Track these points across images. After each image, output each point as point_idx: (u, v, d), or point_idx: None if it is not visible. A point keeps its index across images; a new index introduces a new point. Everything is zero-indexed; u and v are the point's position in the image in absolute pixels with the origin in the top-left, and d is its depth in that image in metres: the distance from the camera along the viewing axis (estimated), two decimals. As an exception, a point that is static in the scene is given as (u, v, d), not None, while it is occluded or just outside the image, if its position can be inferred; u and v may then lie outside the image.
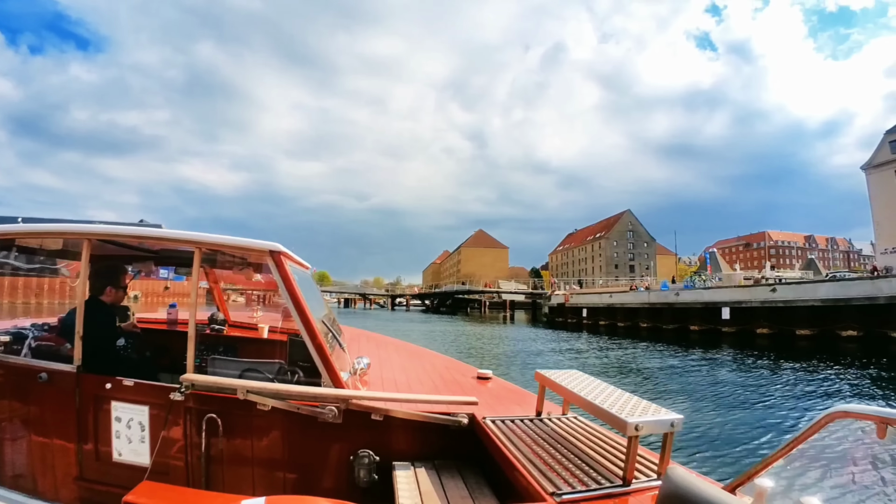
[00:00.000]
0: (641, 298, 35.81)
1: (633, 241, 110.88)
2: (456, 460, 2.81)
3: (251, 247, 3.14)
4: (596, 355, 21.56)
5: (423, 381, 3.93)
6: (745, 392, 12.26)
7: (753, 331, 26.44)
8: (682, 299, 31.75)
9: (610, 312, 38.04)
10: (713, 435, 8.28)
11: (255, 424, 2.79)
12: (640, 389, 12.55)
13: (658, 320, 32.66)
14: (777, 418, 9.57)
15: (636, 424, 1.98)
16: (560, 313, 45.34)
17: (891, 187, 47.69)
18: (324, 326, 3.18)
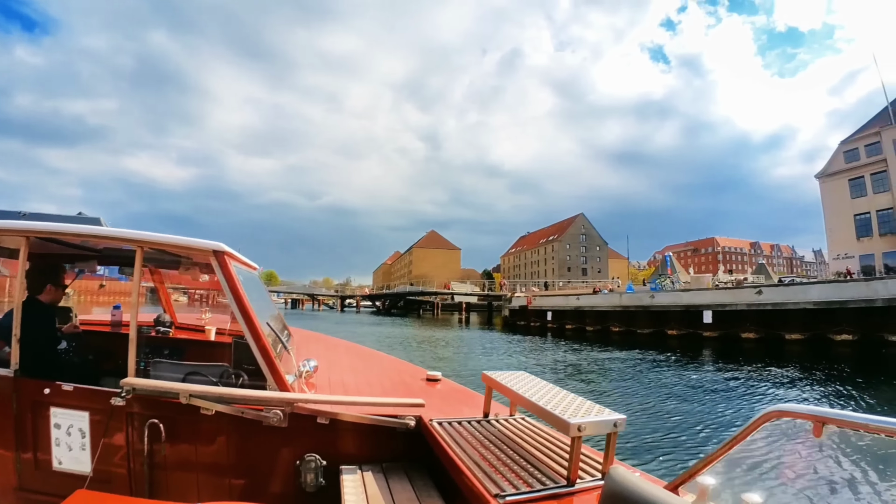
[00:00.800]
0: (613, 301, 33.87)
1: (586, 245, 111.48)
2: (404, 463, 2.81)
3: (194, 246, 3.03)
4: (562, 361, 20.22)
5: (372, 384, 3.91)
6: (722, 397, 12.12)
7: (738, 335, 24.82)
8: (659, 302, 29.95)
9: (578, 316, 36.01)
10: (672, 436, 8.36)
11: (199, 429, 2.73)
12: (611, 397, 12.21)
13: (632, 324, 30.79)
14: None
15: (579, 425, 1.99)
16: (522, 316, 43.20)
17: (843, 196, 48.81)
18: (269, 328, 3.08)
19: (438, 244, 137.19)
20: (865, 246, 46.99)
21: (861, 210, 47.66)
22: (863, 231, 47.58)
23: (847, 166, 49.04)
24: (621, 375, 16.10)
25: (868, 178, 47.25)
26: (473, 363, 19.40)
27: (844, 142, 49.89)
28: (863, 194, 47.61)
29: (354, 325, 42.17)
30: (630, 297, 33.07)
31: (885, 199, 45.64)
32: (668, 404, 11.16)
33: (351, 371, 4.31)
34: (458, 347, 26.05)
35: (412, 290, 79.25)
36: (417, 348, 25.28)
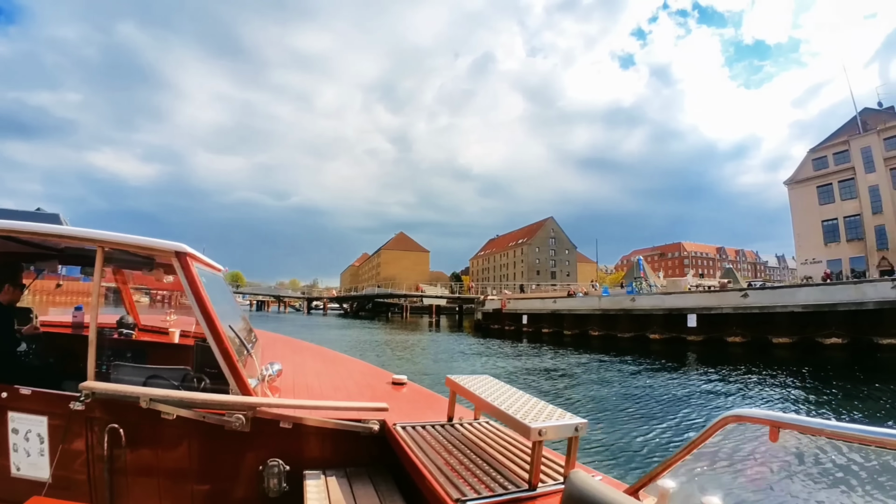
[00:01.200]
0: (591, 304, 32.59)
1: (555, 248, 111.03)
2: (368, 467, 2.79)
3: (156, 247, 2.98)
4: (537, 367, 19.05)
5: (337, 388, 3.88)
6: (706, 404, 11.90)
7: (724, 339, 23.94)
8: (640, 305, 28.87)
9: (555, 319, 34.62)
10: (653, 442, 8.27)
11: (161, 434, 2.68)
12: (587, 405, 11.63)
13: (612, 328, 29.56)
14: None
15: (540, 429, 1.99)
16: (496, 320, 41.45)
17: (811, 202, 49.78)
18: (232, 331, 3.04)
19: (407, 246, 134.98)
20: (833, 251, 47.80)
21: (829, 216, 48.54)
22: (830, 237, 48.47)
23: (816, 173, 49.92)
24: (601, 381, 15.39)
25: (836, 185, 48.15)
26: (443, 368, 18.32)
27: (813, 150, 50.75)
28: (830, 201, 48.50)
29: (321, 329, 40.20)
30: (610, 301, 31.93)
31: (853, 205, 46.49)
32: (649, 410, 10.95)
33: (316, 375, 4.28)
34: (428, 352, 24.80)
35: (381, 292, 77.25)
36: (386, 353, 23.99)
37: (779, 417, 1.29)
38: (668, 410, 10.87)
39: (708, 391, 13.53)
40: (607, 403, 11.81)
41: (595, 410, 10.96)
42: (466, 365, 19.87)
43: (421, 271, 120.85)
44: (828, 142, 50.01)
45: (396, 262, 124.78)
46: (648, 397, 12.61)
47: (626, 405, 11.54)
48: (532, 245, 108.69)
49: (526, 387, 14.02)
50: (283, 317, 70.12)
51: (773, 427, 1.29)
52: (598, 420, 9.77)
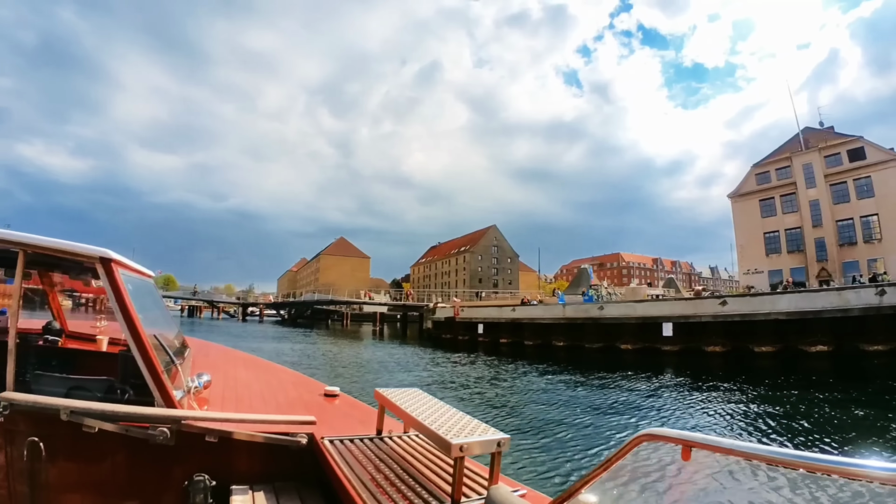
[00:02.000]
0: (555, 313, 30.22)
1: (498, 257, 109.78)
2: (296, 482, 2.76)
3: (80, 252, 2.83)
4: (498, 381, 17.17)
5: (267, 399, 3.78)
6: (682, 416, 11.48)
7: (702, 349, 22.17)
8: (610, 314, 26.79)
9: (515, 329, 31.80)
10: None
11: (83, 448, 2.54)
12: (551, 425, 10.35)
13: (578, 338, 27.15)
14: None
15: (461, 445, 2.01)
16: (448, 329, 38.32)
17: (754, 215, 51.09)
18: (157, 340, 2.91)
19: (347, 252, 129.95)
20: (774, 262, 49.09)
21: (771, 229, 49.89)
22: (772, 248, 49.82)
23: (759, 188, 51.24)
24: (572, 398, 13.75)
25: (778, 199, 49.57)
26: (388, 382, 16.01)
27: (757, 165, 52.16)
28: (773, 214, 49.92)
29: (257, 340, 35.26)
30: (575, 309, 29.77)
31: (794, 219, 47.94)
32: (623, 426, 10.31)
33: (247, 386, 4.17)
34: (372, 364, 22.00)
35: (322, 298, 71.52)
36: (327, 365, 21.34)
37: (690, 437, 1.31)
38: (641, 427, 9.87)
39: (689, 404, 12.62)
40: (575, 419, 10.90)
41: (564, 428, 9.93)
42: (414, 378, 17.43)
43: (361, 278, 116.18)
44: (770, 157, 51.48)
45: (336, 268, 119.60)
46: (620, 414, 11.66)
47: (598, 422, 10.68)
48: (475, 253, 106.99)
49: (483, 405, 12.50)
50: (215, 324, 63.78)
51: (685, 446, 1.31)
52: (567, 440, 9.05)
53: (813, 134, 49.36)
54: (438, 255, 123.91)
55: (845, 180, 44.94)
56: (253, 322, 71.45)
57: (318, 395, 4.11)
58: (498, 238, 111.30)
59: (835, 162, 45.92)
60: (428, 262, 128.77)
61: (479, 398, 13.85)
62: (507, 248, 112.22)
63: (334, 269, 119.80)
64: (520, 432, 9.38)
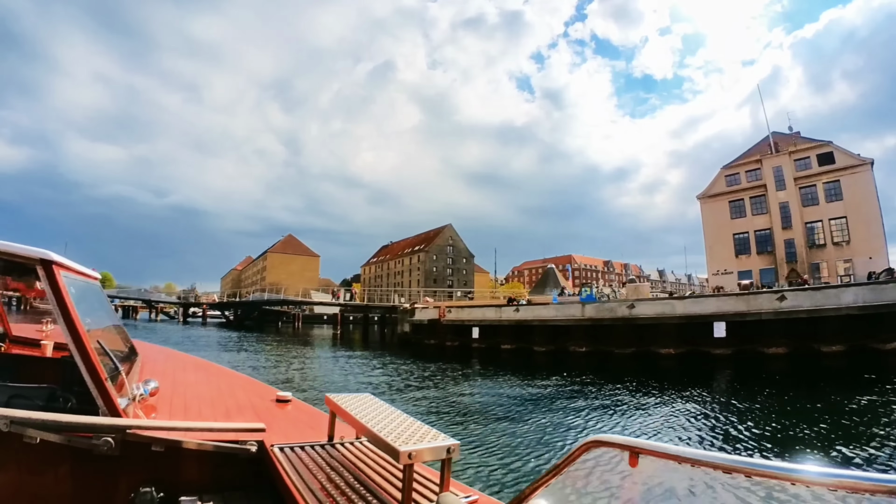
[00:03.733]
0: (572, 313, 26.44)
1: (453, 257, 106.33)
2: (247, 491, 2.65)
3: (18, 253, 2.65)
4: (522, 401, 12.90)
5: (217, 406, 3.63)
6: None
7: (760, 351, 19.45)
8: (643, 313, 23.41)
9: (519, 332, 27.61)
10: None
11: (24, 459, 2.38)
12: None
13: (603, 342, 23.73)
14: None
15: (409, 452, 1.97)
16: (431, 333, 33.00)
17: (723, 216, 50.78)
18: (100, 346, 2.75)
19: (296, 250, 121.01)
20: (743, 263, 48.90)
21: (740, 230, 49.73)
22: (741, 249, 49.60)
23: (728, 189, 51.04)
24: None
25: (748, 200, 49.48)
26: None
27: (726, 167, 51.95)
28: (742, 215, 49.78)
29: (200, 349, 29.56)
30: (598, 309, 26.11)
31: (763, 220, 47.94)
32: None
33: (196, 392, 3.95)
34: (349, 386, 16.40)
35: (273, 298, 64.20)
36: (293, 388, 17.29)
37: (637, 443, 1.32)
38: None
39: (796, 429, 9.77)
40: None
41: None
42: (418, 409, 12.32)
43: (310, 277, 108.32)
44: (740, 160, 51.45)
45: (283, 267, 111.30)
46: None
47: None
48: (430, 252, 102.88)
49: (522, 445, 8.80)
50: (154, 326, 55.57)
51: (632, 453, 1.31)
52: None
53: (781, 138, 49.76)
54: (390, 254, 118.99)
55: (815, 183, 45.28)
56: (195, 324, 63.55)
57: (269, 401, 3.93)
58: (454, 237, 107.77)
59: (804, 165, 46.22)
60: (379, 261, 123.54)
61: (506, 435, 9.31)
62: (463, 248, 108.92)
63: (282, 267, 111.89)
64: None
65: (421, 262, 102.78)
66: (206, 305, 74.88)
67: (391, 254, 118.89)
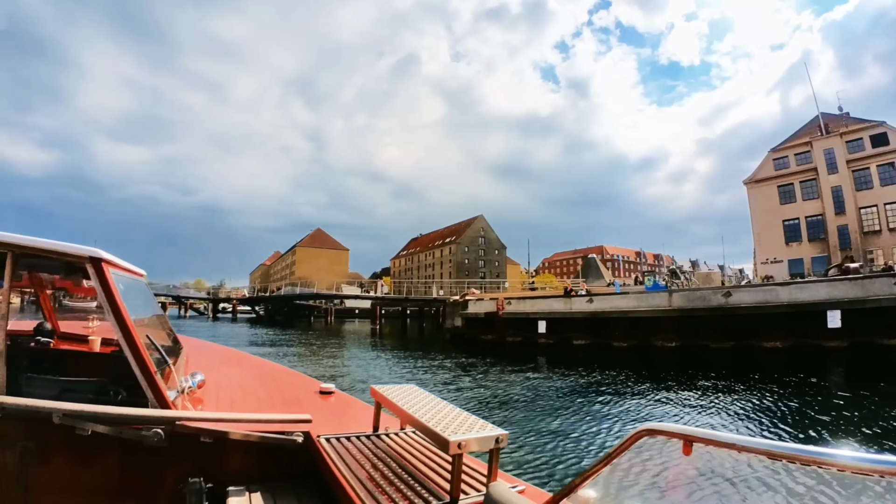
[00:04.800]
0: (655, 303, 24.47)
1: (485, 248, 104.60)
2: (293, 482, 2.65)
3: (69, 252, 2.69)
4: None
5: (262, 398, 3.65)
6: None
7: (883, 342, 17.72)
8: (741, 301, 21.62)
9: (595, 326, 25.31)
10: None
11: (76, 451, 2.43)
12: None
13: (696, 336, 21.76)
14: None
15: (459, 442, 1.97)
16: (488, 328, 30.29)
17: (772, 201, 48.33)
18: (150, 340, 2.80)
19: (324, 243, 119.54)
20: (794, 251, 46.62)
21: (790, 216, 47.36)
22: (792, 236, 47.31)
23: (776, 173, 48.68)
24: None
25: (797, 185, 47.12)
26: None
27: (774, 149, 49.62)
28: (792, 201, 47.40)
29: (234, 346, 28.16)
30: (686, 298, 23.92)
31: (814, 206, 45.60)
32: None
33: (240, 384, 4.01)
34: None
35: (305, 292, 62.87)
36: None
37: (691, 432, 1.30)
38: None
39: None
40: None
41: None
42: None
43: (339, 271, 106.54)
44: (788, 142, 49.17)
45: (312, 261, 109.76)
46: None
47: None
48: (461, 244, 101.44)
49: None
50: (183, 323, 53.18)
51: (685, 441, 1.30)
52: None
53: (831, 119, 47.25)
54: (420, 246, 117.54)
55: (868, 166, 42.91)
56: (225, 320, 62.09)
57: (313, 393, 3.94)
58: (485, 228, 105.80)
59: (856, 147, 43.81)
60: (409, 254, 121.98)
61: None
62: (494, 238, 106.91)
63: (311, 261, 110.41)
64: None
65: (452, 254, 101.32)
66: (236, 301, 72.97)
67: (421, 246, 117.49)
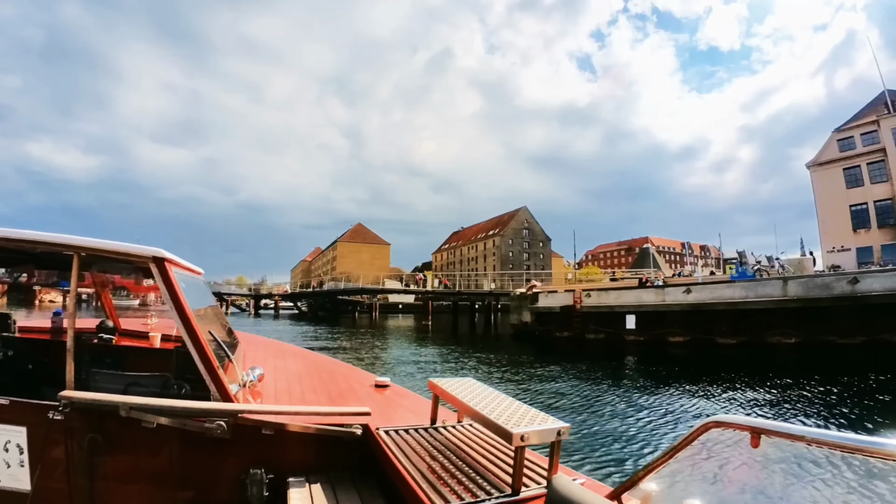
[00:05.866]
0: (767, 292, 21.57)
1: (529, 240, 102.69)
2: (351, 473, 2.71)
3: (133, 252, 2.85)
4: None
5: (319, 391, 3.72)
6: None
7: None
8: (871, 288, 18.98)
9: (695, 320, 22.38)
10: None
11: (141, 442, 2.53)
12: None
13: (823, 330, 19.35)
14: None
15: (522, 434, 1.94)
16: (564, 323, 27.15)
17: (837, 185, 45.59)
18: (212, 336, 2.90)
19: (366, 238, 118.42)
20: (863, 238, 43.79)
21: (857, 201, 44.61)
22: (859, 223, 44.59)
23: (841, 155, 45.87)
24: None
25: (864, 167, 44.37)
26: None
27: (838, 129, 46.93)
28: (859, 184, 44.64)
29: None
30: (806, 286, 20.83)
31: (884, 189, 42.93)
32: None
33: (297, 378, 4.10)
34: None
35: (350, 287, 60.62)
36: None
37: (760, 424, 1.28)
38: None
39: None
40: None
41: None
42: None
43: (381, 266, 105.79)
44: (854, 121, 46.58)
45: (354, 256, 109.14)
46: None
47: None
48: (505, 237, 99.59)
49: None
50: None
51: (753, 433, 1.29)
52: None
53: (897, 97, 44.86)
54: (462, 240, 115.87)
55: (942, 145, 40.75)
56: (267, 317, 59.82)
57: (368, 386, 3.98)
58: (529, 220, 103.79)
59: (928, 125, 41.58)
60: (451, 248, 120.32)
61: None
62: (539, 230, 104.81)
63: (352, 256, 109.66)
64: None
65: (496, 247, 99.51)
66: (278, 297, 71.57)
67: (463, 239, 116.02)
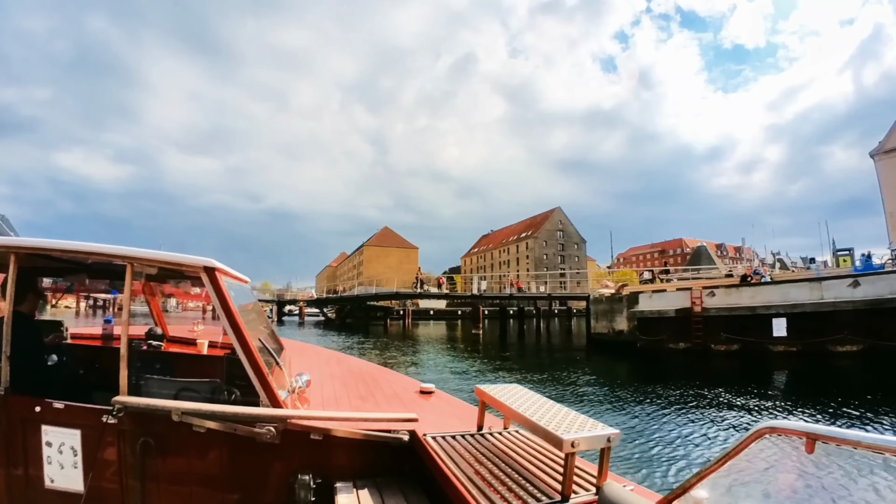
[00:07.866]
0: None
1: (563, 242, 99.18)
2: (398, 478, 2.67)
3: (185, 262, 2.86)
4: None
5: (364, 397, 3.71)
6: None
7: None
8: None
9: (871, 323, 16.41)
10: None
11: (192, 446, 2.57)
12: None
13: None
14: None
15: (572, 441, 1.90)
16: (680, 331, 20.98)
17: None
18: (261, 343, 2.91)
19: (392, 242, 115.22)
20: (936, 230, 41.73)
21: (928, 190, 42.54)
22: (932, 214, 42.34)
23: (910, 140, 43.81)
24: None
25: (936, 153, 42.42)
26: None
27: (908, 115, 44.47)
28: (930, 172, 42.67)
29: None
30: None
31: (959, 176, 40.94)
32: None
33: (343, 384, 4.11)
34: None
35: (382, 291, 52.52)
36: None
37: (815, 429, 1.23)
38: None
39: None
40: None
41: None
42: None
43: (409, 270, 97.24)
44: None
45: (381, 260, 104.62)
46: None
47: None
48: (539, 238, 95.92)
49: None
50: None
51: (809, 439, 1.23)
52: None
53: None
54: (493, 243, 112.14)
55: None
56: (292, 324, 53.43)
57: (413, 392, 3.95)
58: (563, 222, 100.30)
59: None
60: (481, 251, 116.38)
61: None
62: (574, 232, 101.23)
63: (379, 261, 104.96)
64: None
65: (530, 249, 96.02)
66: (302, 303, 66.29)
67: (494, 242, 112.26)
